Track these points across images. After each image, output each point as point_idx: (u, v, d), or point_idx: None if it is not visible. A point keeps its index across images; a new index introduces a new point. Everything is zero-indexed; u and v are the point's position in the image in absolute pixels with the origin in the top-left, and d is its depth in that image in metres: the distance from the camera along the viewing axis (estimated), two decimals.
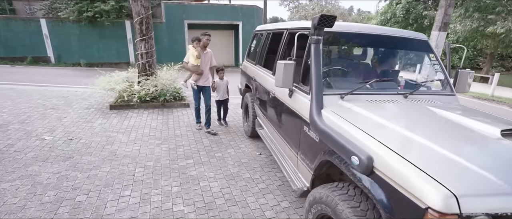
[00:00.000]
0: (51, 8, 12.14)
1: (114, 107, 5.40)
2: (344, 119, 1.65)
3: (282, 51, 2.88)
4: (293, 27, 2.69)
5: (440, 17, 4.13)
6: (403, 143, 1.36)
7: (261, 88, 3.28)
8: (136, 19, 5.53)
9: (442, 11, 4.10)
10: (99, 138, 3.92)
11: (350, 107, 1.82)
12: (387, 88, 2.21)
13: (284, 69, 2.13)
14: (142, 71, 5.82)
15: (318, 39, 1.99)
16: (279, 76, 2.15)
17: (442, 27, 4.12)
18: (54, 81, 8.23)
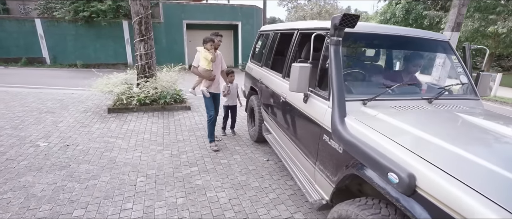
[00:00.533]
0: (46, 7, 11.88)
1: (113, 110, 5.20)
2: (372, 128, 1.49)
3: (292, 53, 2.71)
4: (307, 28, 2.53)
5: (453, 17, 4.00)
6: (448, 158, 1.20)
7: (269, 91, 3.11)
8: (135, 19, 5.34)
9: (456, 11, 3.97)
10: (97, 144, 3.73)
11: (375, 115, 1.66)
12: (409, 92, 2.06)
13: (299, 72, 1.98)
14: (142, 72, 5.63)
15: (338, 40, 1.83)
16: (294, 80, 2.00)
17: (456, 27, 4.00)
18: (50, 83, 7.99)
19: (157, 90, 5.48)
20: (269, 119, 3.25)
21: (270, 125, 3.30)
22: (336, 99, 1.70)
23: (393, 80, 2.17)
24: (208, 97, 3.54)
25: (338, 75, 1.76)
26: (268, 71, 3.29)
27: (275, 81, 2.94)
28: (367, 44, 2.19)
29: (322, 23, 2.21)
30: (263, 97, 3.41)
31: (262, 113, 3.52)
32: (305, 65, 1.98)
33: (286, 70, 2.77)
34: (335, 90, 1.73)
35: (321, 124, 1.88)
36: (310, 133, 2.06)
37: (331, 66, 1.80)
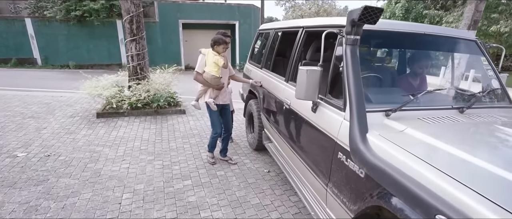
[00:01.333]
0: (36, 6, 11.46)
1: (102, 115, 4.87)
2: (403, 148, 1.20)
3: (297, 53, 2.41)
4: (314, 25, 2.22)
5: (470, 14, 3.71)
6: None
7: (270, 96, 2.80)
8: (125, 17, 5.00)
9: (472, 7, 3.69)
10: (81, 154, 3.40)
11: (403, 130, 1.37)
12: (436, 100, 1.77)
13: (307, 77, 1.68)
14: (133, 74, 5.30)
15: (356, 39, 1.53)
16: (301, 86, 1.70)
17: (472, 25, 3.72)
18: (39, 85, 7.62)
19: (150, 93, 5.15)
20: (270, 127, 2.94)
21: (271, 133, 2.99)
22: (356, 110, 1.40)
23: (416, 85, 1.88)
24: (215, 111, 2.97)
25: (356, 81, 1.46)
26: (268, 73, 2.99)
27: (276, 86, 2.63)
28: (385, 43, 1.90)
29: (334, 20, 1.91)
30: (264, 103, 3.11)
31: (263, 119, 3.21)
32: (314, 68, 1.68)
33: (290, 73, 2.46)
34: (354, 100, 1.43)
35: (335, 138, 1.58)
36: (321, 148, 1.76)
37: (347, 70, 1.50)
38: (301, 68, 1.71)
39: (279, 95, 2.53)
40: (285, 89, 2.44)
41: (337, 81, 1.77)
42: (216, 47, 2.81)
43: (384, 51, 2.04)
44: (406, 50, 2.05)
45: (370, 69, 1.89)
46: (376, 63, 1.95)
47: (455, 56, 2.18)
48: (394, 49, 2.04)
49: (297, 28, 2.51)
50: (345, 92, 1.55)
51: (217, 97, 2.97)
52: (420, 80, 1.96)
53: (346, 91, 1.54)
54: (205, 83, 2.88)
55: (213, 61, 2.78)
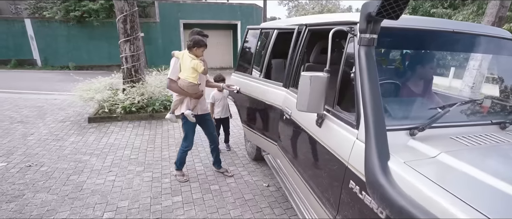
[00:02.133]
0: (36, 7, 11.33)
1: (94, 120, 4.62)
2: (442, 187, 0.89)
3: (298, 56, 2.10)
4: (319, 23, 1.91)
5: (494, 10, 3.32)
6: None
7: (259, 103, 2.44)
8: (119, 17, 4.75)
9: (497, 3, 3.32)
10: (66, 164, 3.14)
11: (437, 157, 1.06)
12: (469, 113, 1.45)
13: (311, 85, 1.39)
14: (128, 77, 5.04)
15: (372, 39, 1.22)
16: (304, 96, 1.40)
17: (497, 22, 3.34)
18: (35, 87, 7.43)
19: (144, 96, 4.88)
20: (263, 139, 2.56)
21: (264, 146, 2.62)
22: (373, 129, 1.09)
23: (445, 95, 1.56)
24: (192, 122, 2.57)
25: (373, 92, 1.15)
26: (259, 79, 2.58)
27: (274, 93, 2.29)
28: (405, 43, 1.58)
29: (344, 16, 1.61)
30: (247, 111, 2.76)
31: (246, 131, 2.87)
32: (319, 74, 1.39)
33: (290, 78, 2.16)
34: (371, 115, 1.12)
35: (345, 162, 1.27)
36: (328, 172, 1.45)
37: (362, 77, 1.20)
38: (303, 75, 1.41)
39: (276, 103, 2.22)
40: (285, 96, 2.14)
41: (347, 90, 1.46)
42: (196, 50, 2.38)
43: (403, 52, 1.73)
44: (430, 52, 1.73)
45: (387, 74, 1.58)
46: (394, 68, 1.63)
47: (488, 58, 1.86)
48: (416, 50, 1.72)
49: (299, 27, 2.20)
50: (358, 105, 1.25)
51: (196, 107, 2.59)
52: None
53: (359, 104, 1.23)
54: (181, 92, 2.44)
55: (191, 66, 2.36)
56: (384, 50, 1.75)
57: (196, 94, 2.50)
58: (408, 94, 1.53)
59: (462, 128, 1.30)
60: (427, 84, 1.72)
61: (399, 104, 1.44)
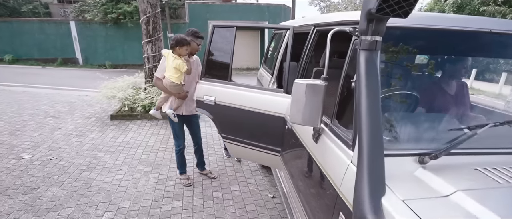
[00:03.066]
0: (79, 10, 12.32)
1: (115, 117, 4.81)
2: None
3: (305, 59, 1.91)
4: (326, 23, 1.71)
5: None
6: None
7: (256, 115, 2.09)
8: (142, 18, 4.90)
9: None
10: (81, 160, 3.26)
11: (450, 196, 0.82)
12: (500, 136, 1.15)
13: (306, 94, 1.21)
14: (149, 76, 5.18)
15: (374, 42, 1.01)
16: (297, 106, 1.23)
17: None
18: (72, 84, 8.03)
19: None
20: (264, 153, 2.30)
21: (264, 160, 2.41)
22: (366, 153, 0.89)
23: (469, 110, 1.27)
24: (176, 123, 2.58)
25: (371, 105, 0.94)
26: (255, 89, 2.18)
27: (275, 101, 2.04)
28: (422, 47, 1.32)
29: (346, 15, 1.39)
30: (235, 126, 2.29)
31: (230, 147, 2.39)
32: (316, 82, 1.20)
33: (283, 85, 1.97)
34: (365, 134, 0.91)
35: (337, 189, 1.07)
36: (320, 196, 1.26)
37: (359, 87, 0.99)
38: (297, 82, 1.23)
39: (276, 111, 2.02)
40: (283, 103, 1.95)
41: (348, 101, 1.25)
42: (178, 49, 2.31)
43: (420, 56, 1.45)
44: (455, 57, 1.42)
45: (399, 83, 1.33)
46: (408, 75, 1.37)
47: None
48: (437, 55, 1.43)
49: (308, 28, 2.00)
50: (355, 120, 1.04)
51: (181, 107, 2.55)
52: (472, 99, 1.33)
53: (356, 120, 1.02)
54: (165, 90, 2.45)
55: (173, 66, 2.31)
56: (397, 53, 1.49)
57: (180, 95, 2.46)
58: (423, 108, 1.26)
59: (494, 157, 1.02)
60: (454, 97, 1.42)
61: (411, 122, 1.19)
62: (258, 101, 2.05)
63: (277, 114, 2.01)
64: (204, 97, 2.23)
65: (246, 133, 2.21)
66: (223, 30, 2.24)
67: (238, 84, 2.15)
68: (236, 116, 2.14)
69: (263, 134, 2.14)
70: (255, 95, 2.06)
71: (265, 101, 2.03)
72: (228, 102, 2.13)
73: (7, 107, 5.29)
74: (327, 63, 1.25)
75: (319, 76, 1.94)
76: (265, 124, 2.08)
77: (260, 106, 2.04)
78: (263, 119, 2.05)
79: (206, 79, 2.26)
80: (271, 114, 2.02)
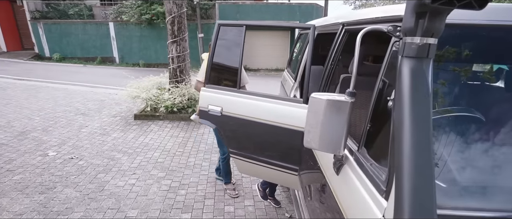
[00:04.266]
0: (118, 12, 13.02)
1: (139, 117, 4.85)
2: None
3: (330, 64, 1.60)
4: (357, 20, 1.39)
5: None
6: None
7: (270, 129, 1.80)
8: (167, 18, 4.88)
9: None
10: (99, 160, 3.27)
11: None
12: None
13: (326, 113, 0.93)
14: (173, 77, 5.16)
15: (426, 46, 0.69)
16: (315, 127, 0.96)
17: None
18: (105, 82, 8.42)
19: (185, 97, 4.90)
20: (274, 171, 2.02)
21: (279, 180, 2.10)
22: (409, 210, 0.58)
23: None
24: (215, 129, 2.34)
25: (417, 137, 0.64)
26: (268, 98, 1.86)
27: (294, 112, 1.76)
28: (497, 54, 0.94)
29: (387, 10, 1.07)
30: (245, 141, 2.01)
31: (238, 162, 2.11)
32: (339, 99, 0.92)
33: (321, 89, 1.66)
34: (408, 180, 0.61)
35: None
36: None
37: (400, 108, 0.69)
38: (314, 97, 0.96)
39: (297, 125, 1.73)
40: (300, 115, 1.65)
41: (384, 124, 0.93)
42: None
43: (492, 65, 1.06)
44: None
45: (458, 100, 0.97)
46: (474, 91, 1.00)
47: None
48: None
49: (335, 27, 1.69)
50: (392, 155, 0.73)
51: None
52: None
53: (394, 156, 0.72)
54: None
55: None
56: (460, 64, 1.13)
57: None
58: (500, 140, 0.88)
59: None
60: None
61: (483, 164, 0.83)
62: (272, 112, 1.78)
63: (294, 127, 1.72)
64: (208, 107, 2.00)
65: (257, 148, 1.95)
66: (231, 29, 1.99)
67: (248, 93, 1.89)
68: (246, 128, 1.89)
69: (278, 150, 1.86)
70: (268, 105, 1.79)
71: (281, 112, 1.75)
72: (237, 113, 1.88)
73: (45, 104, 5.64)
74: (355, 72, 0.95)
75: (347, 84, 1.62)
76: (280, 138, 1.81)
77: (275, 118, 1.77)
78: (278, 132, 1.78)
79: (211, 87, 2.03)
80: (288, 127, 1.74)
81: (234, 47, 1.97)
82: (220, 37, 2.00)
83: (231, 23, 2.01)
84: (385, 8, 1.20)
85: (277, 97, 1.81)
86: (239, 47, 1.91)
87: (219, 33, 1.99)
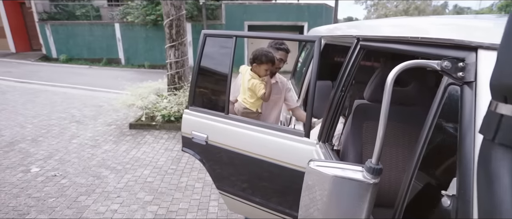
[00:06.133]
0: (124, 13, 12.91)
1: (134, 126, 4.58)
2: None
3: (340, 90, 1.23)
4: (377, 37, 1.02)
5: None
6: None
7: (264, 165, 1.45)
8: (165, 21, 4.59)
9: None
10: (84, 179, 2.99)
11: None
12: None
13: (330, 196, 0.56)
14: (171, 83, 4.88)
15: None
16: (311, 212, 0.58)
17: None
18: (108, 84, 8.23)
19: (182, 105, 4.60)
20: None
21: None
22: None
23: None
24: None
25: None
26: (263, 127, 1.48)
27: (293, 148, 1.36)
28: None
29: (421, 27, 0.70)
30: (235, 175, 1.67)
31: (230, 203, 1.77)
32: (353, 176, 0.56)
33: (325, 124, 1.30)
34: None
35: None
36: None
37: None
38: (313, 168, 0.60)
39: (297, 164, 1.36)
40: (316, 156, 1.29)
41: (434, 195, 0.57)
42: (256, 67, 1.76)
43: None
44: None
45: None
46: None
47: None
48: None
49: (347, 40, 1.31)
50: None
51: None
52: None
53: None
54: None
55: (248, 87, 1.76)
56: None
57: None
58: None
59: None
60: None
61: None
62: (266, 145, 1.42)
63: (294, 166, 1.36)
64: (192, 133, 1.66)
65: (249, 186, 1.60)
66: (219, 40, 1.64)
67: (238, 119, 1.53)
68: (236, 163, 1.54)
69: (274, 191, 1.51)
70: (262, 137, 1.43)
71: (277, 146, 1.40)
72: (224, 144, 1.54)
73: (42, 110, 5.45)
74: (383, 133, 0.58)
75: (362, 114, 1.25)
76: (276, 178, 1.45)
77: (270, 153, 1.41)
78: (273, 171, 1.42)
79: (195, 109, 1.68)
80: (285, 166, 1.38)
81: (222, 62, 1.62)
82: (206, 49, 1.65)
83: (219, 33, 1.67)
84: (415, 21, 0.83)
85: (274, 128, 1.45)
86: (228, 62, 1.56)
87: (205, 45, 1.65)
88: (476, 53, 0.51)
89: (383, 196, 1.10)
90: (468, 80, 0.50)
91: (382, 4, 26.10)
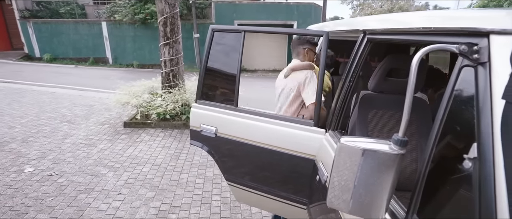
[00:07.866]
0: (111, 11, 12.62)
1: (129, 125, 4.53)
2: None
3: (346, 82, 1.31)
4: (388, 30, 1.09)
5: None
6: None
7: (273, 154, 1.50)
8: (160, 19, 4.56)
9: None
10: (82, 178, 2.95)
11: None
12: None
13: (362, 168, 0.62)
14: (166, 81, 4.84)
15: None
16: (344, 184, 0.65)
17: None
18: (97, 84, 8.05)
19: (178, 103, 4.59)
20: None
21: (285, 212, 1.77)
22: None
23: None
24: None
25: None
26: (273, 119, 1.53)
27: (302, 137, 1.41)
28: None
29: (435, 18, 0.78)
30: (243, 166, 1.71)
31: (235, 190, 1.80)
32: (381, 148, 0.62)
33: (334, 114, 1.37)
34: None
35: None
36: None
37: None
38: (345, 144, 0.67)
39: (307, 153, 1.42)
40: (323, 145, 1.36)
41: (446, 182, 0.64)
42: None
43: None
44: None
45: None
46: None
47: None
48: None
49: (353, 34, 1.39)
50: None
51: None
52: None
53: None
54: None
55: (316, 77, 1.68)
56: None
57: None
58: None
59: None
60: None
61: None
62: (276, 136, 1.48)
63: (303, 155, 1.43)
64: (200, 126, 1.71)
65: (258, 176, 1.65)
66: (227, 35, 1.69)
67: (248, 111, 1.58)
68: (245, 154, 1.60)
69: (283, 179, 1.57)
70: (271, 128, 1.50)
71: (287, 136, 1.46)
72: (234, 136, 1.59)
73: (29, 110, 5.29)
74: (409, 111, 0.65)
75: (367, 103, 1.33)
76: (285, 166, 1.52)
77: (279, 143, 1.47)
78: (283, 160, 1.49)
79: (204, 102, 1.73)
80: (295, 154, 1.45)
81: (230, 56, 1.67)
82: (214, 44, 1.69)
83: (228, 28, 1.71)
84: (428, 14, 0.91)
85: (283, 118, 1.51)
86: (237, 56, 1.61)
87: (213, 40, 1.69)
88: (488, 38, 0.59)
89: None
90: (482, 61, 0.58)
91: (368, 4, 26.78)
